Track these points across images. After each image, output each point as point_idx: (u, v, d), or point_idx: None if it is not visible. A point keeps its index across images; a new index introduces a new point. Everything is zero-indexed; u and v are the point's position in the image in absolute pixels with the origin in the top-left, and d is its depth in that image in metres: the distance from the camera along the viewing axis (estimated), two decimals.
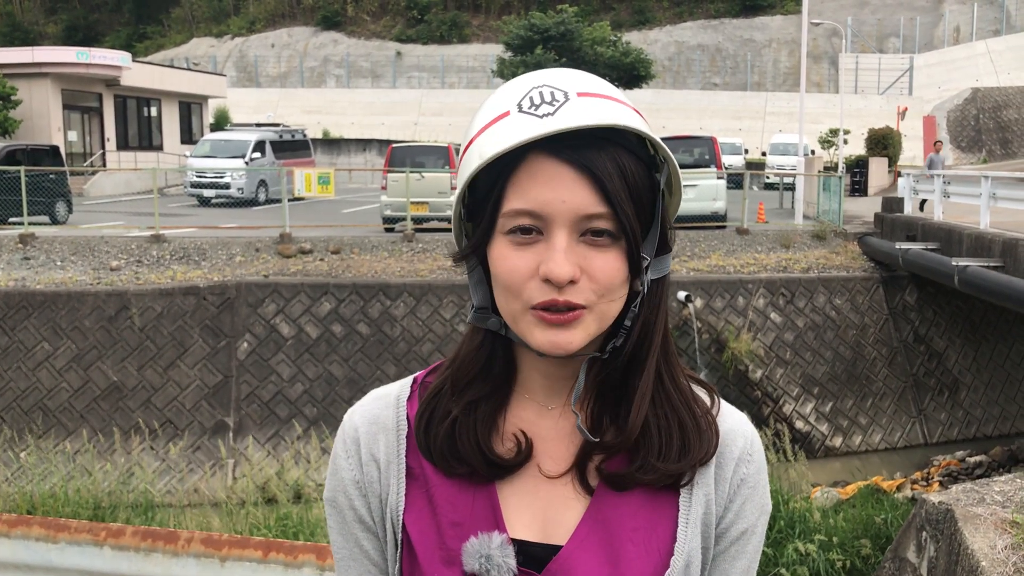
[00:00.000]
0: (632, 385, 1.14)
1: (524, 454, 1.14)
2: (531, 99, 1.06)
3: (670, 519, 1.14)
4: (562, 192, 1.04)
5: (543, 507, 1.14)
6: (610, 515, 1.13)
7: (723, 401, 1.21)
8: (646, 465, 1.12)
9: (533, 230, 1.06)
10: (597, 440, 1.13)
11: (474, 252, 1.13)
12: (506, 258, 1.07)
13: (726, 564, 1.18)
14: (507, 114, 1.07)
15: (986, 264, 13.03)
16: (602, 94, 1.08)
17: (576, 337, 1.07)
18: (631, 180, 1.06)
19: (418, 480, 1.16)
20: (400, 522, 1.15)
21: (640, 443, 1.13)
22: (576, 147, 1.04)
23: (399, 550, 1.16)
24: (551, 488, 1.15)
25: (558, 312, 1.05)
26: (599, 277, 1.06)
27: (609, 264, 1.06)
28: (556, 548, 1.12)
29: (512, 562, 1.09)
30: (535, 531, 1.13)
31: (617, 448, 1.13)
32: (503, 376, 1.17)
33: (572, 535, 1.12)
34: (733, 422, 1.20)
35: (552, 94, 1.06)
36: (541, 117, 1.04)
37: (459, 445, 1.14)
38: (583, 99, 1.06)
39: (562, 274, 1.03)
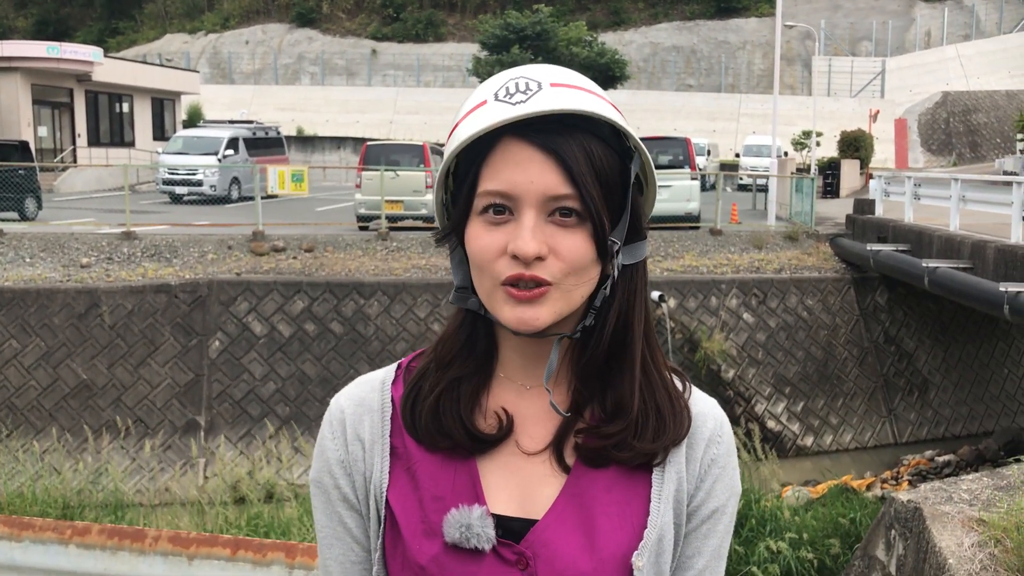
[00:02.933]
0: (620, 368, 1.19)
1: (505, 430, 1.20)
2: (507, 88, 1.13)
3: (643, 496, 1.19)
4: (531, 173, 1.09)
5: (521, 483, 1.19)
6: (586, 491, 1.18)
7: (694, 387, 1.27)
8: (622, 443, 1.17)
9: (505, 209, 1.11)
10: (569, 415, 1.19)
11: (454, 232, 1.18)
12: (479, 237, 1.12)
13: (698, 542, 1.22)
14: (484, 103, 1.13)
15: (955, 266, 13.17)
16: (575, 85, 1.14)
17: (542, 313, 1.12)
18: (598, 164, 1.11)
19: (401, 459, 1.21)
20: (384, 498, 1.20)
21: (611, 421, 1.19)
22: (546, 132, 1.10)
23: (382, 526, 1.20)
24: (529, 465, 1.19)
25: (525, 288, 1.11)
26: (565, 256, 1.11)
27: (575, 244, 1.11)
28: (534, 523, 1.16)
29: (491, 532, 1.13)
30: (513, 507, 1.17)
31: (598, 427, 1.18)
32: (485, 355, 1.22)
33: (549, 509, 1.17)
34: (704, 406, 1.26)
35: (527, 84, 1.13)
36: (514, 104, 1.10)
37: (443, 420, 1.19)
38: (556, 88, 1.12)
39: (528, 251, 1.08)
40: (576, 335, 1.18)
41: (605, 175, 1.12)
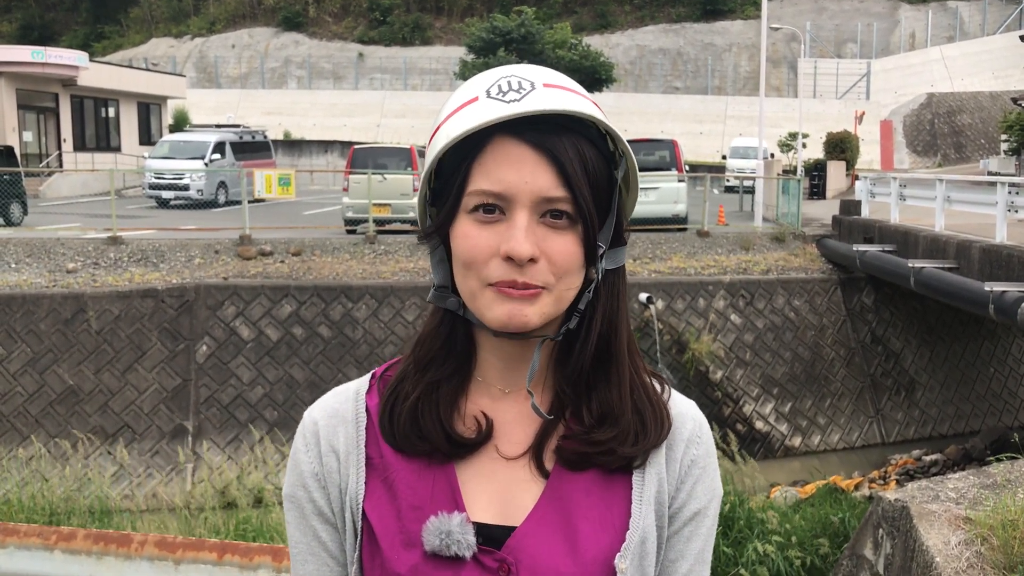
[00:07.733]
0: (606, 374, 1.18)
1: (484, 434, 1.18)
2: (499, 87, 1.12)
3: (624, 498, 1.17)
4: (525, 174, 1.08)
5: (500, 489, 1.17)
6: (566, 495, 1.16)
7: (672, 390, 1.26)
8: (603, 448, 1.16)
9: (496, 209, 1.10)
10: (551, 418, 1.18)
11: (438, 231, 1.16)
12: (468, 236, 1.11)
13: (680, 545, 1.21)
14: (475, 100, 1.12)
15: (941, 266, 13.23)
16: (567, 87, 1.14)
17: (532, 312, 1.10)
18: (590, 168, 1.11)
19: (377, 469, 1.19)
20: (360, 510, 1.17)
21: (599, 427, 1.17)
22: (540, 131, 1.09)
23: (359, 538, 1.18)
24: (508, 470, 1.18)
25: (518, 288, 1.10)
26: (556, 259, 1.10)
27: (566, 247, 1.10)
28: (514, 529, 1.15)
29: (472, 538, 1.11)
30: (493, 513, 1.15)
31: (587, 433, 1.17)
32: (464, 356, 1.21)
33: (529, 514, 1.15)
34: (683, 407, 1.25)
35: (520, 83, 1.12)
36: (508, 103, 1.09)
37: (421, 424, 1.17)
38: (549, 89, 1.12)
39: (523, 252, 1.07)
40: (559, 338, 1.17)
41: (595, 178, 1.11)
